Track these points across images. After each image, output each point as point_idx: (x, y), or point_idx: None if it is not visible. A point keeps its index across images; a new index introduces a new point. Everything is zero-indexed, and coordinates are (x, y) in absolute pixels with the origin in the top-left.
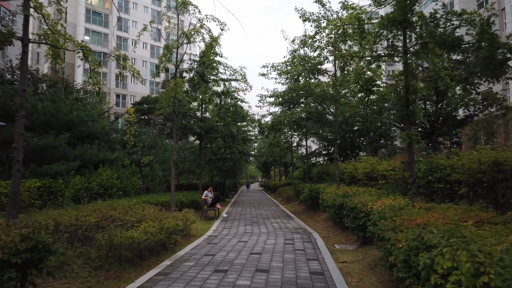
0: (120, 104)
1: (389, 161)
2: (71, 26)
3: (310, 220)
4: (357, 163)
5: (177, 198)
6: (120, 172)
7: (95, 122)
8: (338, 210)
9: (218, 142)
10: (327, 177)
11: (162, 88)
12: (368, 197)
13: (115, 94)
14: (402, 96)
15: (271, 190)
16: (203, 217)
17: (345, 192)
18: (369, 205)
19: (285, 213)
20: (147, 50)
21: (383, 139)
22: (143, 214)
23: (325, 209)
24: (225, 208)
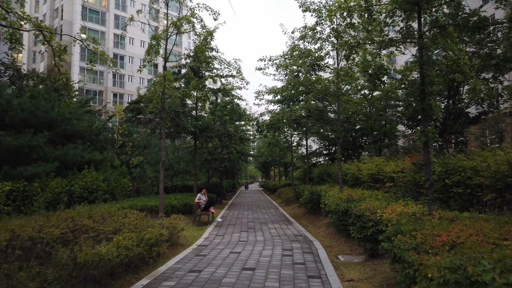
0: (117, 103)
1: (397, 162)
2: (67, 24)
3: (310, 225)
4: (361, 163)
5: (167, 202)
6: (108, 173)
7: (81, 120)
8: (342, 217)
9: (215, 141)
10: (328, 178)
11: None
12: (376, 202)
13: (112, 93)
14: (417, 87)
15: (271, 191)
16: (195, 222)
17: (349, 196)
18: (378, 213)
19: (284, 217)
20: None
21: (387, 138)
22: (123, 223)
23: (327, 214)
24: (221, 211)
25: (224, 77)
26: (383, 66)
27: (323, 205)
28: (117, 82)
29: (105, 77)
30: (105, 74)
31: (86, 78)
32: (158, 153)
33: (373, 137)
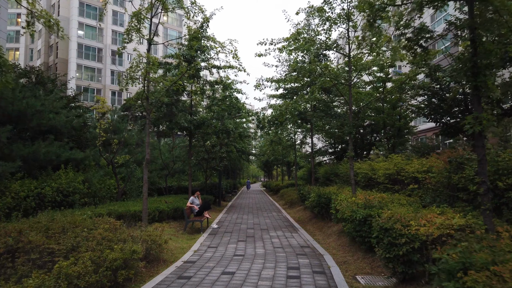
0: (116, 101)
1: (421, 160)
2: (64, 20)
3: (318, 232)
4: (375, 162)
5: (154, 206)
6: (90, 174)
7: (59, 114)
8: (359, 227)
9: (212, 139)
10: (335, 178)
11: None
12: (401, 209)
13: (110, 91)
14: (467, 59)
15: (273, 191)
16: (186, 230)
17: (366, 201)
18: (413, 226)
19: (288, 221)
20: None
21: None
22: (86, 237)
23: (339, 221)
24: (218, 215)
25: (221, 68)
26: (425, 27)
27: (334, 210)
28: (115, 79)
29: (103, 74)
30: (103, 72)
31: (84, 76)
32: (153, 152)
33: (386, 133)
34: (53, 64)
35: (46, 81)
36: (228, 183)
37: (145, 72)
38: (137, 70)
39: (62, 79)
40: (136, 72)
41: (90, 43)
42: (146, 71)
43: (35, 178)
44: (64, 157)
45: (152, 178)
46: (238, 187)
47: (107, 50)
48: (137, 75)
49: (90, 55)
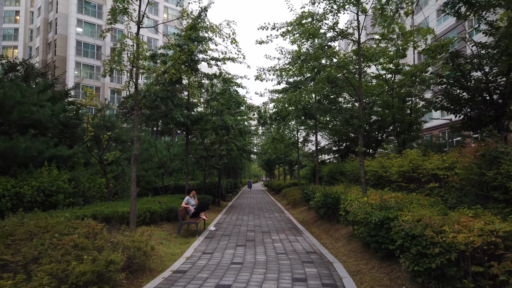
0: (115, 99)
1: (441, 156)
2: (62, 17)
3: (325, 235)
4: (385, 159)
5: (146, 207)
6: (77, 172)
7: (44, 107)
8: (375, 231)
9: (211, 135)
10: (341, 177)
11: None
12: (422, 211)
13: (109, 89)
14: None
15: (275, 190)
16: (180, 233)
17: (382, 202)
18: (448, 233)
19: (291, 223)
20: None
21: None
22: (54, 244)
23: (349, 224)
24: (217, 216)
25: (220, 60)
26: None
27: (343, 212)
28: (114, 77)
29: (101, 72)
30: (102, 70)
31: (82, 74)
32: (149, 149)
33: (396, 129)
34: (51, 62)
35: (36, 74)
36: (228, 182)
37: (133, 57)
38: (122, 53)
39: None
40: (120, 55)
41: (89, 40)
42: (134, 56)
43: (13, 176)
44: (48, 154)
45: (148, 177)
46: (240, 186)
47: (107, 48)
48: (123, 60)
49: (89, 52)
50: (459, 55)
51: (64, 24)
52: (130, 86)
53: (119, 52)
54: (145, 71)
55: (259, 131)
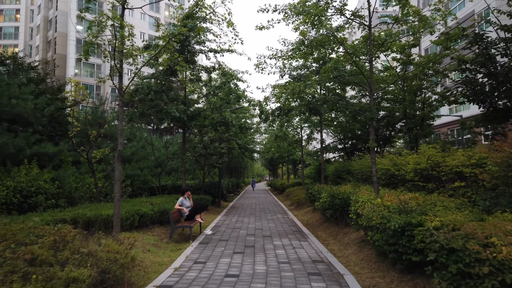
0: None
1: (465, 151)
2: (62, 15)
3: (333, 240)
4: (398, 156)
5: (135, 209)
6: (62, 171)
7: (25, 101)
8: (394, 239)
9: (211, 132)
10: (348, 176)
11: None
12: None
13: (110, 87)
14: None
15: (278, 190)
16: (172, 238)
17: (401, 204)
18: (500, 248)
19: (295, 225)
20: (146, 21)
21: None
22: (6, 258)
23: (360, 228)
24: (216, 217)
25: (219, 52)
26: None
27: (354, 215)
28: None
29: (102, 70)
30: (102, 68)
31: (82, 72)
32: (146, 148)
33: (407, 124)
34: (51, 60)
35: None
36: (230, 182)
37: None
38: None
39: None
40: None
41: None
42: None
43: None
44: (31, 151)
45: (143, 176)
46: (242, 186)
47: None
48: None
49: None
50: (484, 37)
51: (64, 22)
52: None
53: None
54: (129, 56)
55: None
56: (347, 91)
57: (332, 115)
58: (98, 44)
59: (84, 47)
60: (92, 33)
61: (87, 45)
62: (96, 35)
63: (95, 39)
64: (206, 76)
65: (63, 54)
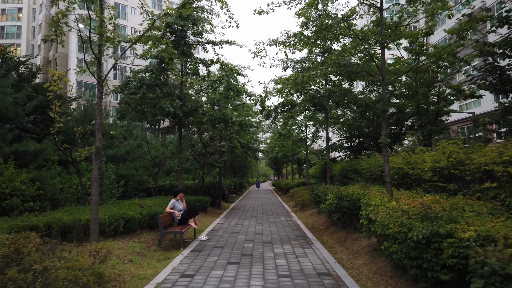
0: (118, 97)
1: (497, 146)
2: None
3: (340, 247)
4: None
5: (120, 213)
6: (43, 171)
7: (4, 95)
8: (417, 251)
9: (211, 130)
10: (355, 175)
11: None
12: (491, 224)
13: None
14: None
15: (283, 190)
16: (161, 245)
17: (423, 209)
18: None
19: (299, 229)
20: None
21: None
22: None
23: (372, 235)
24: (214, 220)
25: (217, 44)
26: None
27: (365, 220)
28: (117, 75)
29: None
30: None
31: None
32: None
33: (420, 120)
34: (53, 59)
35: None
36: (232, 181)
37: (88, 16)
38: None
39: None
40: (70, 13)
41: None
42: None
43: None
44: (9, 149)
45: (138, 176)
46: (246, 186)
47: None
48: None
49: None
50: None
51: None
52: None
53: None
54: (109, 41)
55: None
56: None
57: (339, 112)
58: (68, 25)
59: (50, 25)
60: (61, 11)
61: (54, 24)
62: (63, 13)
63: (63, 17)
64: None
65: (64, 52)
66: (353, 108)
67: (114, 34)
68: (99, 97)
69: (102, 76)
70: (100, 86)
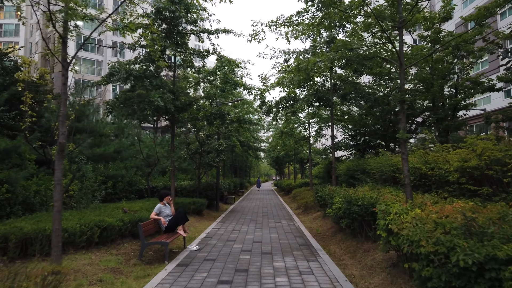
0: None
1: None
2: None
3: (351, 260)
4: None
5: (96, 220)
6: (13, 171)
7: None
8: (463, 280)
9: (208, 128)
10: (362, 176)
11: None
12: None
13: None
14: None
15: (284, 191)
16: (142, 258)
17: (466, 221)
18: None
19: (302, 236)
20: None
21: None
22: None
23: (391, 248)
24: (210, 225)
25: (213, 33)
26: None
27: (383, 231)
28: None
29: (103, 67)
30: (103, 64)
31: (82, 68)
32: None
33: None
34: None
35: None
36: (232, 181)
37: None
38: None
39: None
40: None
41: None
42: None
43: None
44: None
45: (129, 177)
46: (247, 186)
47: (108, 40)
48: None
49: (90, 46)
50: None
51: None
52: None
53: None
54: (75, 16)
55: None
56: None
57: (344, 109)
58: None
59: None
60: None
61: None
62: None
63: None
64: (200, 62)
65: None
66: (360, 103)
67: (81, 6)
68: (63, 83)
69: (67, 58)
70: (65, 70)
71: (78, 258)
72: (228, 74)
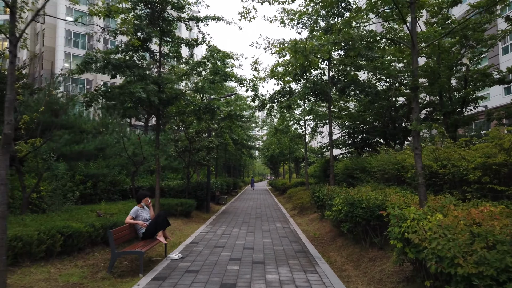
0: None
1: None
2: (51, 5)
3: (354, 270)
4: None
5: (59, 226)
6: None
7: None
8: None
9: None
10: (362, 175)
11: None
12: None
13: (102, 82)
14: None
15: (279, 190)
16: (111, 270)
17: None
18: None
19: (298, 241)
20: None
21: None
22: None
23: (407, 261)
24: (197, 228)
25: (202, 21)
26: None
27: (398, 242)
28: None
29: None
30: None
31: (73, 65)
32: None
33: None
34: (40, 53)
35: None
36: (225, 181)
37: None
38: None
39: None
40: None
41: (79, 29)
42: None
43: None
44: None
45: (111, 176)
46: (241, 186)
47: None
48: None
49: (80, 42)
50: None
51: (53, 12)
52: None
53: None
54: None
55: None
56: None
57: (342, 105)
58: None
59: None
60: None
61: None
62: None
63: None
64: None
65: (51, 46)
66: (360, 97)
67: None
68: (10, 61)
69: (16, 32)
70: (13, 46)
71: (33, 272)
72: (218, 66)
